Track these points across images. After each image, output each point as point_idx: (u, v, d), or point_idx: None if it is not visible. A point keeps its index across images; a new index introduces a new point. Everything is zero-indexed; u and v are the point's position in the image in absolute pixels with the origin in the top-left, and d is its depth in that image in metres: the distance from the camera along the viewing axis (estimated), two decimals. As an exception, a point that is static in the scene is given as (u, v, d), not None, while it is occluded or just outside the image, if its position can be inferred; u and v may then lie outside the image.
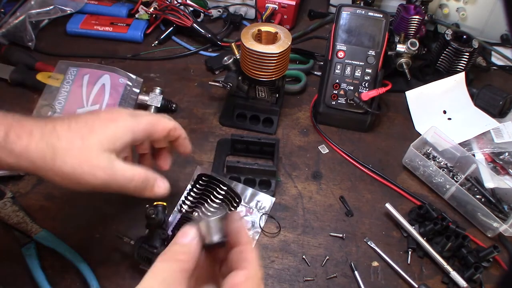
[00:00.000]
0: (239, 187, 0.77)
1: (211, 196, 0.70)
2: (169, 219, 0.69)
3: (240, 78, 0.85)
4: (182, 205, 0.70)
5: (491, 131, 0.86)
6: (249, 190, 0.77)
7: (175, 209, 0.72)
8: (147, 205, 0.62)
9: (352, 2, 1.04)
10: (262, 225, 0.74)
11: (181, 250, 0.42)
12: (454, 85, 0.92)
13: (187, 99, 0.93)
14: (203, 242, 0.44)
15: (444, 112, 0.93)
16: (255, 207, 0.76)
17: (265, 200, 0.77)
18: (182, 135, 0.63)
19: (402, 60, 0.94)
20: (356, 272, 0.69)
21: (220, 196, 0.69)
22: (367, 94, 0.83)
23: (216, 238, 0.43)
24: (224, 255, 0.45)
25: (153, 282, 0.39)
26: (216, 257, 0.47)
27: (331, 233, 0.74)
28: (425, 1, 0.99)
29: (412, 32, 0.94)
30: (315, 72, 1.01)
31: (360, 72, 0.85)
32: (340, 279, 0.69)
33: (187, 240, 0.42)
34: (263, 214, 0.75)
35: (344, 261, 0.71)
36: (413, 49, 0.92)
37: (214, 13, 1.10)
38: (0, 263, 0.67)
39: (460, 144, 0.82)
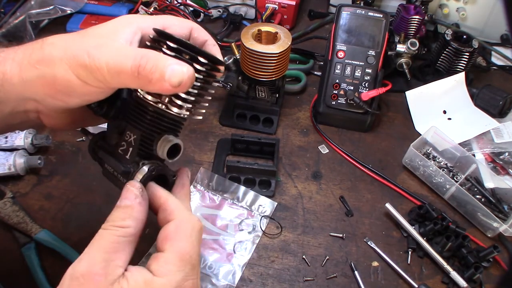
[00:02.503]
0: (239, 188, 0.77)
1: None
2: None
3: (240, 78, 0.85)
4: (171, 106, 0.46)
5: (491, 131, 0.86)
6: (251, 194, 0.77)
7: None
8: None
9: (352, 2, 1.04)
10: (263, 228, 0.74)
11: (121, 216, 0.39)
12: (454, 85, 0.92)
13: (187, 99, 0.93)
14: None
15: (444, 112, 0.93)
16: (256, 210, 0.76)
17: (267, 204, 0.77)
18: (210, 41, 0.48)
19: (402, 60, 0.94)
20: (356, 272, 0.69)
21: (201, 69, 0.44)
22: (367, 94, 0.83)
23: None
24: None
25: (95, 254, 0.37)
26: None
27: (331, 233, 0.74)
28: (425, 1, 0.99)
29: (412, 32, 0.94)
30: (315, 72, 1.01)
31: (360, 72, 0.85)
32: (340, 279, 0.69)
33: (129, 202, 0.40)
34: (264, 216, 0.75)
35: (344, 261, 0.71)
36: (413, 49, 0.92)
37: (214, 13, 1.10)
38: (0, 263, 0.67)
39: (460, 144, 0.82)
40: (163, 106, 0.42)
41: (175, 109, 0.42)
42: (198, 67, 0.41)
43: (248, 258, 0.70)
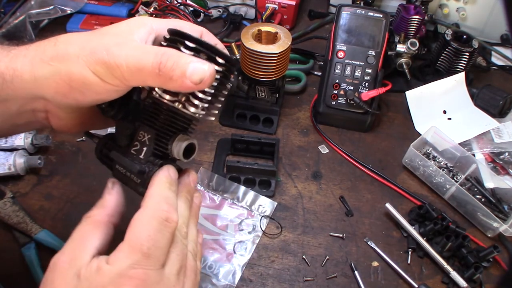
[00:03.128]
0: (239, 188, 0.77)
1: None
2: None
3: (240, 78, 0.85)
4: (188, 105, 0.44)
5: (491, 131, 0.86)
6: (251, 194, 0.77)
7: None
8: None
9: (352, 2, 1.04)
10: (263, 228, 0.74)
11: (94, 207, 0.41)
12: (454, 85, 0.92)
13: (187, 99, 0.93)
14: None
15: (444, 112, 0.93)
16: (256, 210, 0.76)
17: (267, 204, 0.77)
18: (219, 45, 0.48)
19: (402, 60, 0.94)
20: (356, 272, 0.69)
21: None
22: (367, 94, 0.83)
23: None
24: None
25: (67, 244, 0.38)
26: None
27: (331, 233, 0.74)
28: (425, 1, 0.99)
29: (412, 32, 0.94)
30: (315, 72, 1.01)
31: (360, 72, 0.85)
32: (340, 279, 0.69)
33: (103, 194, 0.42)
34: (264, 216, 0.75)
35: (344, 261, 0.71)
36: (413, 49, 0.92)
37: (214, 13, 1.10)
38: (0, 263, 0.67)
39: (460, 144, 0.82)
40: (180, 105, 0.42)
41: (192, 109, 0.42)
42: (216, 67, 0.41)
43: (248, 258, 0.70)
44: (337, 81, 0.86)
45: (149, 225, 0.37)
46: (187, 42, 0.40)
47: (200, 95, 0.41)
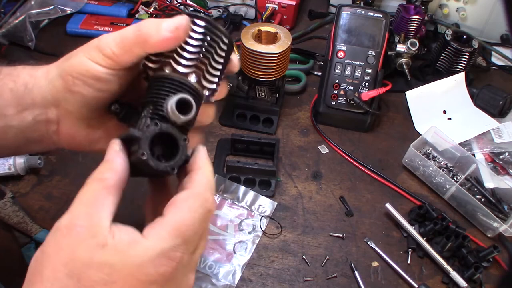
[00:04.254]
0: (239, 188, 0.77)
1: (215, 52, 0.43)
2: None
3: (240, 78, 0.85)
4: (174, 61, 0.41)
5: (491, 131, 0.86)
6: (251, 194, 0.77)
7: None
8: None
9: (352, 2, 1.04)
10: (263, 228, 0.74)
11: (101, 170, 0.38)
12: (454, 85, 0.92)
13: (187, 99, 0.93)
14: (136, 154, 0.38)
15: (444, 112, 0.93)
16: (256, 210, 0.76)
17: (267, 203, 0.77)
18: None
19: (402, 60, 0.94)
20: (356, 272, 0.69)
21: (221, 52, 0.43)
22: (367, 94, 0.83)
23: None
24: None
25: (78, 207, 0.35)
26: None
27: (331, 233, 0.74)
28: (425, 1, 0.99)
29: (412, 32, 0.94)
30: (315, 72, 1.01)
31: (360, 72, 0.85)
32: (340, 279, 0.69)
33: (108, 157, 0.39)
34: (264, 216, 0.75)
35: (344, 261, 0.71)
36: (413, 49, 0.92)
37: (214, 13, 1.10)
38: (0, 263, 0.67)
39: (460, 144, 0.82)
40: (169, 69, 0.41)
41: (180, 68, 0.40)
42: (196, 28, 0.41)
43: (248, 258, 0.70)
44: (337, 81, 0.86)
45: (197, 213, 0.37)
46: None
47: (185, 54, 0.40)
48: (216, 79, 0.43)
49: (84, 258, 0.32)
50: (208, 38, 0.41)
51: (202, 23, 0.41)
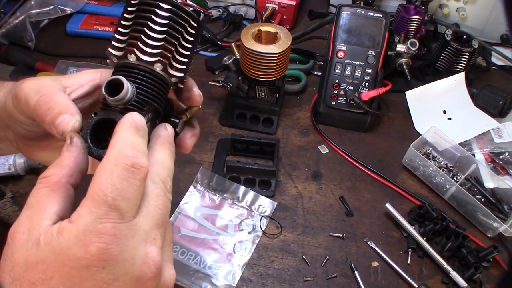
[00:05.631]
0: (239, 188, 0.77)
1: (150, 24, 0.38)
2: None
3: (240, 78, 0.85)
4: (110, 50, 0.39)
5: (491, 131, 0.86)
6: (251, 194, 0.77)
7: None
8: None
9: (352, 2, 1.04)
10: (263, 228, 0.74)
11: (49, 167, 0.36)
12: (454, 85, 0.92)
13: (187, 99, 0.93)
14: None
15: (444, 112, 0.93)
16: (256, 210, 0.76)
17: (267, 204, 0.77)
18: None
19: (402, 60, 0.94)
20: (356, 272, 0.69)
21: (161, 21, 0.37)
22: (367, 94, 0.83)
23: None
24: None
25: (22, 213, 0.34)
26: None
27: (331, 233, 0.74)
28: (425, 1, 0.99)
29: (412, 32, 0.94)
30: (315, 72, 1.01)
31: (360, 72, 0.85)
32: (340, 279, 0.69)
33: (60, 152, 0.36)
34: (264, 216, 0.75)
35: (344, 261, 0.71)
36: (413, 49, 0.92)
37: (214, 13, 1.10)
38: (0, 263, 0.67)
39: (460, 144, 0.82)
40: (133, 56, 0.38)
41: (145, 57, 0.37)
42: (160, 12, 0.37)
43: (248, 258, 0.70)
44: (337, 81, 0.86)
45: (113, 173, 0.32)
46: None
47: (150, 41, 0.37)
48: (184, 66, 0.40)
49: (21, 262, 0.31)
50: (175, 23, 0.38)
51: (167, 6, 0.37)
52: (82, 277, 0.30)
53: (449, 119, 0.92)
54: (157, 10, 0.37)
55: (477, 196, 0.77)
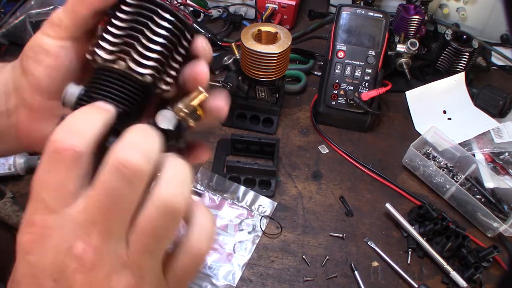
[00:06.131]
0: (239, 188, 0.77)
1: (146, 30, 0.35)
2: None
3: (240, 78, 0.85)
4: (96, 49, 0.35)
5: (491, 131, 0.86)
6: (251, 194, 0.77)
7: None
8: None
9: (352, 2, 1.04)
10: (263, 228, 0.74)
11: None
12: (454, 85, 0.92)
13: (187, 99, 0.93)
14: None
15: (444, 112, 0.93)
16: (256, 210, 0.76)
17: (267, 204, 0.77)
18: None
19: (402, 60, 0.94)
20: (356, 272, 0.69)
21: (161, 31, 0.35)
22: (367, 94, 0.83)
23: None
24: None
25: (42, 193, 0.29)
26: None
27: (331, 233, 0.74)
28: (425, 1, 0.99)
29: (412, 32, 0.94)
30: (315, 72, 1.01)
31: (360, 72, 0.85)
32: (340, 279, 0.69)
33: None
34: (264, 216, 0.75)
35: (344, 261, 0.71)
36: (413, 49, 0.92)
37: (214, 13, 1.10)
38: (0, 263, 0.67)
39: (460, 144, 0.82)
40: (123, 65, 0.35)
41: (139, 69, 0.34)
42: (162, 22, 0.34)
43: (248, 258, 0.70)
44: (337, 81, 0.86)
45: (40, 163, 0.29)
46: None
47: (146, 52, 0.34)
48: (172, 80, 0.37)
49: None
50: (172, 35, 0.35)
51: (168, 16, 0.34)
52: (21, 261, 0.31)
53: (449, 119, 0.92)
54: (156, 19, 0.34)
55: (477, 196, 0.77)
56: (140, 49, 0.34)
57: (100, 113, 0.31)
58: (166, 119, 0.34)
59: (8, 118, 0.41)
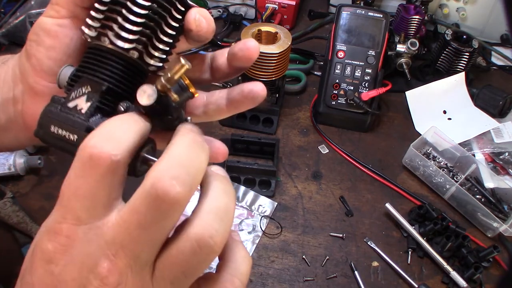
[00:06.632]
0: (239, 188, 0.77)
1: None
2: None
3: (240, 78, 0.85)
4: (82, 27, 0.34)
5: (491, 131, 0.86)
6: (251, 194, 0.77)
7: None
8: None
9: (352, 2, 1.04)
10: (263, 228, 0.74)
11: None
12: (454, 85, 0.92)
13: (187, 99, 0.93)
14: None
15: (444, 112, 0.93)
16: (256, 210, 0.76)
17: (267, 204, 0.77)
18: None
19: (402, 60, 0.94)
20: (356, 272, 0.69)
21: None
22: (367, 94, 0.83)
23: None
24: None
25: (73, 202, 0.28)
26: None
27: (331, 233, 0.74)
28: (425, 1, 0.99)
29: (412, 32, 0.94)
30: (315, 72, 1.01)
31: (360, 72, 0.85)
32: (340, 279, 0.69)
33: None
34: (264, 216, 0.75)
35: (344, 261, 0.71)
36: (413, 49, 0.92)
37: (214, 13, 1.10)
38: (0, 263, 0.67)
39: (460, 144, 0.82)
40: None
41: (120, 43, 0.33)
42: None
43: (248, 258, 0.70)
44: (337, 81, 0.86)
45: (72, 168, 0.29)
46: None
47: (127, 25, 0.32)
48: (164, 55, 0.35)
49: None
50: (158, 5, 0.33)
51: None
52: (41, 268, 0.28)
53: (449, 119, 0.92)
54: None
55: (477, 196, 0.77)
56: (121, 22, 0.32)
57: (137, 124, 0.30)
58: (146, 94, 0.31)
59: (14, 105, 0.41)
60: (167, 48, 0.35)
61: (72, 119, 0.32)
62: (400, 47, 0.93)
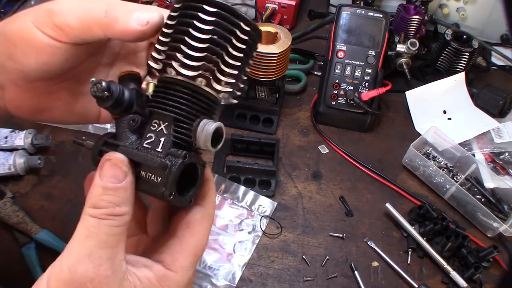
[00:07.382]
0: (239, 188, 0.77)
1: (192, 31, 0.33)
2: None
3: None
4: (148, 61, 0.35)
5: (491, 131, 0.86)
6: (251, 194, 0.77)
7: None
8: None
9: (352, 2, 1.04)
10: (263, 228, 0.74)
11: (114, 200, 0.31)
12: (454, 85, 0.92)
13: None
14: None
15: (444, 112, 0.93)
16: (256, 210, 0.76)
17: (267, 204, 0.77)
18: None
19: (402, 60, 0.94)
20: (356, 272, 0.69)
21: (205, 28, 0.32)
22: (367, 94, 0.83)
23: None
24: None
25: (99, 251, 0.30)
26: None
27: (331, 233, 0.74)
28: (425, 1, 0.99)
29: (412, 32, 0.94)
30: (315, 72, 1.01)
31: (360, 72, 0.85)
32: (340, 279, 0.69)
33: (119, 183, 0.31)
34: (264, 216, 0.75)
35: (344, 261, 0.71)
36: (413, 49, 0.92)
37: (214, 13, 1.10)
38: (0, 263, 0.67)
39: (460, 144, 0.82)
40: (203, 82, 0.33)
41: (218, 86, 0.33)
42: (204, 16, 0.32)
43: (248, 258, 0.70)
44: (337, 81, 0.86)
45: (207, 231, 0.36)
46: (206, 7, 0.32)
47: (190, 51, 0.32)
48: (233, 80, 0.35)
49: None
50: (221, 28, 0.33)
51: (212, 9, 0.32)
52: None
53: (449, 119, 0.92)
54: (200, 15, 0.32)
55: (477, 196, 0.77)
56: (185, 50, 0.32)
57: None
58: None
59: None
60: (235, 72, 0.34)
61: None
62: (400, 47, 0.93)
